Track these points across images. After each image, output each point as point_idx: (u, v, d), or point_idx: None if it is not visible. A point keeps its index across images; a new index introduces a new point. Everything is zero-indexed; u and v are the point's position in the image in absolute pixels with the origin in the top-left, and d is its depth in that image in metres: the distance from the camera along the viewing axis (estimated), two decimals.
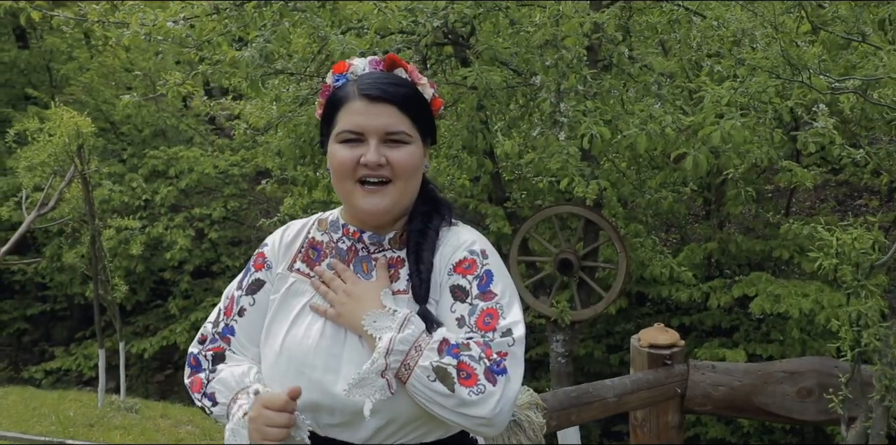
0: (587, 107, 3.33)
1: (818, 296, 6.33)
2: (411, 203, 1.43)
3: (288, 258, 1.48)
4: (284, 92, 4.74)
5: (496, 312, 1.32)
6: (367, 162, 1.32)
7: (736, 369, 2.65)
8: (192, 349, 1.51)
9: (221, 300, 1.54)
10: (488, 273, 1.36)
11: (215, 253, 8.75)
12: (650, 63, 3.65)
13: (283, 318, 1.43)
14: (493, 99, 3.72)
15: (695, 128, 3.35)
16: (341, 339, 1.37)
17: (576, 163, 3.36)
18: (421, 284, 1.35)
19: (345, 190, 1.37)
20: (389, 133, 1.33)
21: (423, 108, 1.39)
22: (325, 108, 1.42)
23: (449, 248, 1.38)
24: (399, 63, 1.40)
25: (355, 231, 1.43)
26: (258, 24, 3.87)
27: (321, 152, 4.44)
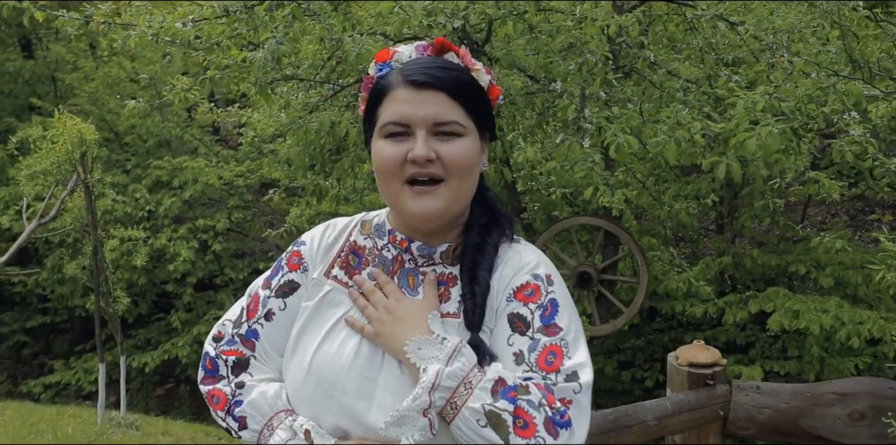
0: (612, 114, 3.19)
1: (838, 312, 6.16)
2: (467, 209, 1.26)
3: (326, 262, 1.31)
4: (293, 99, 4.61)
5: (560, 350, 1.14)
6: (414, 157, 1.15)
7: (782, 390, 2.48)
8: (208, 347, 1.33)
9: (244, 297, 1.36)
10: (553, 302, 1.19)
11: (218, 265, 8.59)
12: (676, 69, 3.52)
13: (314, 330, 1.26)
14: (512, 105, 3.59)
15: (725, 136, 3.21)
16: (378, 361, 1.20)
17: (600, 172, 3.21)
18: (475, 309, 1.18)
19: (391, 191, 1.20)
20: (439, 123, 1.16)
21: (479, 96, 1.21)
22: (368, 102, 1.24)
23: (509, 269, 1.22)
24: (450, 47, 1.23)
25: (403, 239, 1.25)
26: (269, 27, 3.75)
27: (332, 160, 4.33)
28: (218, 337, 1.33)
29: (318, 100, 4.33)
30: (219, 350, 1.31)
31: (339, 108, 3.99)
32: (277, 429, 1.24)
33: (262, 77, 3.83)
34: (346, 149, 4.18)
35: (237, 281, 8.48)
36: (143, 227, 7.38)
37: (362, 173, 4.66)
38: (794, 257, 7.17)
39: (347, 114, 4.08)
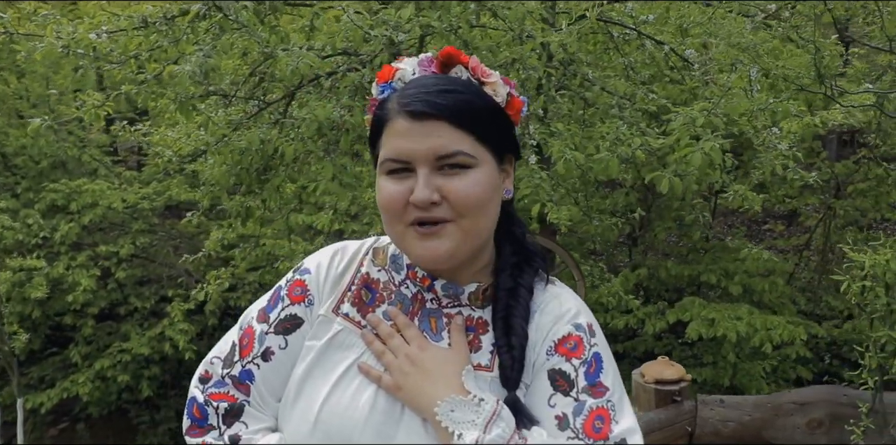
0: (557, 129, 3.18)
1: (750, 319, 6.47)
2: (490, 245, 1.13)
3: (335, 295, 1.16)
4: (214, 116, 4.37)
5: (608, 414, 1.04)
6: (414, 201, 1.02)
7: (745, 402, 2.52)
8: (194, 391, 1.16)
9: (235, 329, 1.19)
10: (597, 357, 1.08)
11: (122, 293, 8.03)
12: (613, 85, 3.57)
13: (321, 376, 1.10)
14: None
15: (664, 151, 3.27)
16: (396, 417, 1.07)
17: (547, 189, 3.19)
18: (513, 364, 1.06)
19: (395, 233, 1.08)
20: (443, 156, 1.03)
21: (491, 116, 1.08)
22: (371, 130, 1.11)
23: (548, 318, 1.10)
24: (457, 59, 1.09)
25: (425, 276, 1.12)
26: (191, 39, 3.53)
27: (260, 180, 4.11)
28: (205, 378, 1.16)
29: (242, 117, 4.11)
30: (207, 394, 1.14)
31: (267, 126, 3.80)
32: None
33: (181, 92, 3.60)
34: (274, 168, 3.98)
35: (143, 310, 7.95)
36: (36, 256, 6.79)
37: (287, 193, 4.47)
38: (704, 267, 7.49)
39: (274, 131, 3.89)
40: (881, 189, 6.57)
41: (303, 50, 2.99)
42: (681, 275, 7.59)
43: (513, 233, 1.16)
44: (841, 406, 2.44)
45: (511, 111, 1.12)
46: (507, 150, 1.12)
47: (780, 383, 7.45)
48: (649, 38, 3.86)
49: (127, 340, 7.56)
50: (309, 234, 7.21)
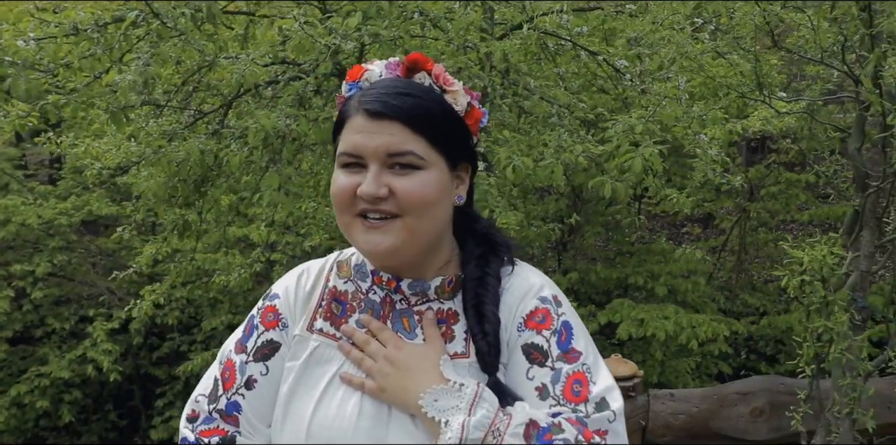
0: (502, 137, 3.26)
1: (677, 318, 6.75)
2: (444, 241, 1.16)
3: (307, 314, 1.19)
4: (146, 126, 4.23)
5: (585, 377, 1.08)
6: (361, 193, 1.06)
7: (693, 395, 2.64)
8: (185, 432, 1.19)
9: (215, 364, 1.21)
10: (566, 325, 1.12)
11: (38, 314, 7.60)
12: (554, 95, 3.68)
13: (305, 393, 1.13)
14: None
15: (605, 157, 3.40)
16: (384, 419, 1.09)
17: (495, 194, 3.26)
18: (489, 349, 1.09)
19: (342, 223, 1.12)
20: (393, 154, 1.07)
21: (447, 123, 1.11)
22: (335, 125, 1.16)
23: (514, 297, 1.13)
24: (422, 66, 1.13)
25: (390, 279, 1.15)
26: (124, 47, 3.42)
27: (199, 192, 4.00)
28: (192, 417, 1.19)
29: (176, 127, 4.00)
30: (197, 432, 1.16)
31: (205, 136, 3.71)
32: None
33: (113, 102, 3.47)
34: (212, 179, 3.89)
35: (62, 331, 7.55)
36: None
37: (223, 205, 4.37)
38: (631, 269, 7.76)
39: (213, 142, 3.81)
40: (790, 192, 6.99)
41: (249, 58, 2.94)
42: (609, 278, 7.84)
43: (474, 230, 1.21)
44: (779, 394, 2.59)
45: (470, 120, 1.15)
46: (462, 158, 1.15)
47: (703, 378, 7.77)
48: (584, 48, 4.01)
49: (45, 364, 7.16)
50: (239, 247, 7.05)
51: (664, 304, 7.15)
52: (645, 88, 3.31)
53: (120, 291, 7.90)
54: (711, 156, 3.40)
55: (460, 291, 1.15)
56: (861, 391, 2.16)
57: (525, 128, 3.98)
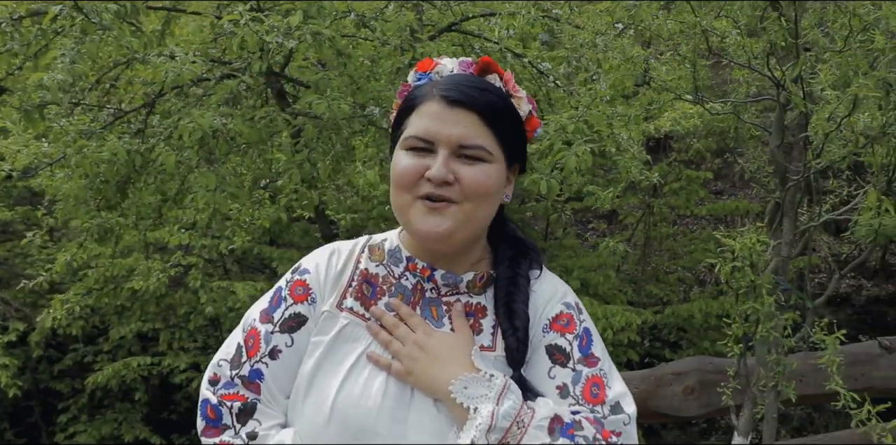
0: None
1: (592, 309, 7.07)
2: (482, 239, 1.23)
3: (337, 292, 1.22)
4: (57, 126, 4.02)
5: (602, 381, 1.15)
6: (431, 176, 1.11)
7: (633, 376, 2.82)
8: (206, 393, 1.20)
9: (238, 331, 1.23)
10: (587, 331, 1.19)
11: None
12: None
13: (331, 369, 1.16)
14: (333, 130, 3.55)
15: (536, 156, 3.54)
16: (406, 400, 1.14)
17: None
18: (518, 346, 1.14)
19: (401, 203, 1.15)
20: (464, 146, 1.12)
21: (513, 125, 1.18)
22: (399, 110, 1.20)
23: (541, 300, 1.20)
24: (494, 68, 1.20)
25: (425, 267, 1.20)
26: (40, 43, 3.25)
27: (122, 193, 3.84)
28: (214, 380, 1.19)
29: (93, 126, 3.82)
30: (219, 395, 1.17)
31: (129, 135, 3.58)
32: None
33: (27, 101, 3.30)
34: (136, 181, 3.75)
35: None
36: None
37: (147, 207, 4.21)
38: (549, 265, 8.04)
39: (136, 141, 3.67)
40: (690, 188, 7.46)
41: (188, 56, 2.87)
42: None
43: (507, 232, 1.27)
44: (708, 373, 2.81)
45: (528, 127, 1.22)
46: (517, 159, 1.22)
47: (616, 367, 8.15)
48: (510, 51, 4.15)
49: None
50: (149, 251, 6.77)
51: (579, 296, 7.44)
52: (573, 90, 3.48)
53: (16, 302, 7.42)
54: (634, 154, 3.61)
55: (490, 288, 1.21)
56: (785, 365, 2.39)
57: None
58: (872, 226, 1.95)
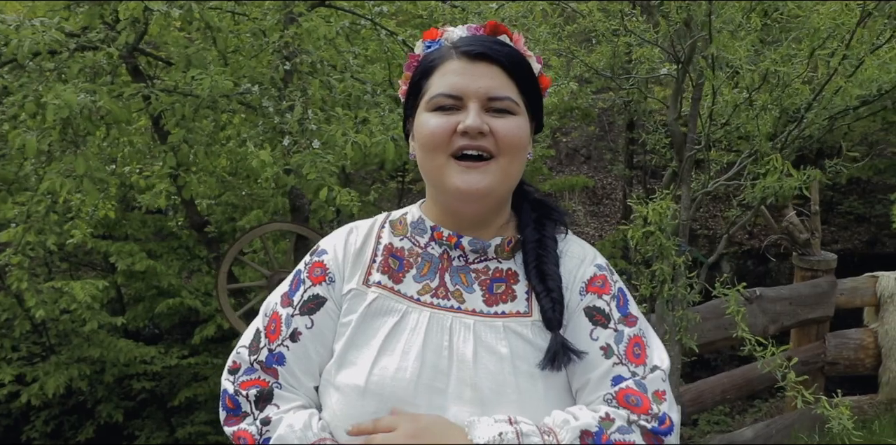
0: (337, 114, 3.23)
1: None
2: (509, 199, 1.21)
3: (360, 269, 1.18)
4: None
5: (642, 340, 1.14)
6: (466, 127, 1.07)
7: None
8: (226, 383, 1.17)
9: (259, 317, 1.20)
10: (622, 292, 1.18)
11: None
12: (371, 73, 3.71)
13: (364, 344, 1.12)
14: (210, 109, 3.30)
15: None
16: (445, 370, 1.10)
17: (330, 173, 3.23)
18: (554, 306, 1.12)
19: (435, 165, 1.10)
20: (493, 98, 1.09)
21: (532, 79, 1.16)
22: (414, 78, 1.16)
23: (572, 262, 1.18)
24: (503, 29, 1.19)
25: (451, 234, 1.16)
26: None
27: None
28: (234, 369, 1.17)
29: None
30: (238, 383, 1.15)
31: None
32: None
33: None
34: None
35: None
36: None
37: None
38: None
39: None
40: (535, 165, 7.85)
41: (52, 25, 2.51)
42: None
43: (528, 194, 1.26)
44: None
45: (543, 85, 1.20)
46: (536, 115, 1.19)
47: None
48: (383, 28, 4.09)
49: None
50: None
51: None
52: None
53: None
54: None
55: (518, 253, 1.18)
56: (690, 320, 2.62)
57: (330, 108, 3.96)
58: (772, 188, 2.19)
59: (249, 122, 3.87)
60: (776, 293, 3.77)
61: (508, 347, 1.11)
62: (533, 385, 1.10)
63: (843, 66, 2.13)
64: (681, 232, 2.58)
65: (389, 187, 9.79)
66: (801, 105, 2.34)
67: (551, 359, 1.10)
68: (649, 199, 2.43)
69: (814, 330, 4.17)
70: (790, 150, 2.53)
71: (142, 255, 6.61)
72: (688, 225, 2.59)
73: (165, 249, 7.35)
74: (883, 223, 9.99)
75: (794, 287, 4.00)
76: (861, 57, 2.13)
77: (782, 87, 2.29)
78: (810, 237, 3.93)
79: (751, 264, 9.68)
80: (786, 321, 3.80)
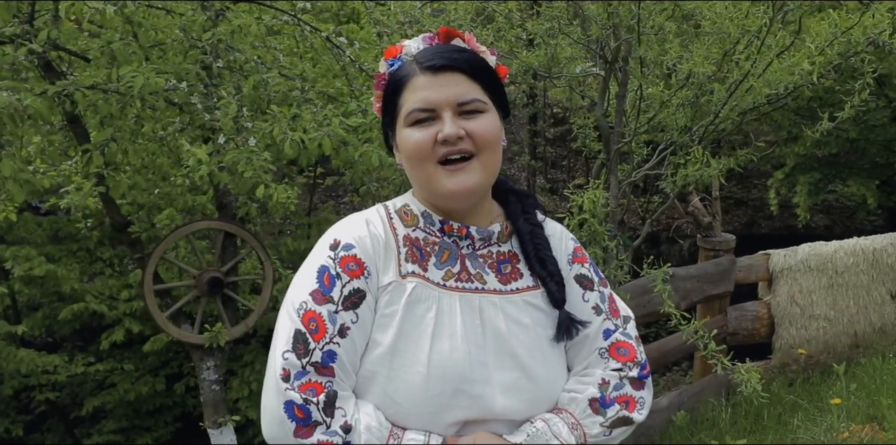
0: (272, 111, 3.23)
1: None
2: (491, 185, 1.33)
3: (393, 261, 1.26)
4: None
5: (613, 297, 1.39)
6: (445, 136, 1.19)
7: None
8: (287, 394, 1.15)
9: (286, 320, 1.21)
10: (590, 259, 1.41)
11: None
12: (303, 69, 3.72)
13: (413, 331, 1.22)
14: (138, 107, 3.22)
15: (362, 129, 3.61)
16: (482, 344, 1.23)
17: (266, 169, 3.24)
18: (558, 288, 1.30)
19: (425, 175, 1.23)
20: (462, 103, 1.21)
21: (491, 75, 1.28)
22: (386, 96, 1.28)
23: (557, 240, 1.37)
24: (455, 33, 1.30)
25: (461, 227, 1.29)
26: None
27: None
28: (286, 376, 1.16)
29: None
30: (296, 389, 1.16)
31: None
32: None
33: None
34: None
35: None
36: None
37: None
38: (313, 241, 8.08)
39: None
40: None
41: None
42: (299, 249, 8.04)
43: (502, 184, 1.39)
44: None
45: (501, 74, 1.32)
46: (502, 106, 1.31)
47: None
48: (307, 24, 4.11)
49: None
50: None
51: None
52: (368, 68, 3.62)
53: None
54: None
55: (513, 237, 1.35)
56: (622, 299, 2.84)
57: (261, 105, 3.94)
58: (693, 176, 2.44)
59: (167, 119, 3.79)
60: (686, 272, 4.12)
61: (530, 318, 1.28)
62: (551, 346, 1.30)
63: (754, 67, 2.41)
64: (610, 219, 2.81)
65: (297, 182, 9.70)
66: (717, 102, 2.61)
67: (565, 331, 1.29)
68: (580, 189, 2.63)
69: (717, 304, 4.58)
70: (706, 142, 2.81)
71: (40, 259, 6.28)
72: (617, 211, 2.82)
73: (64, 252, 7.00)
74: (758, 206, 10.90)
75: (700, 266, 4.38)
76: (770, 60, 2.41)
77: (698, 86, 2.55)
78: (712, 220, 4.32)
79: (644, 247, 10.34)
80: (694, 297, 4.16)
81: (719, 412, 4.24)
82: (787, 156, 7.34)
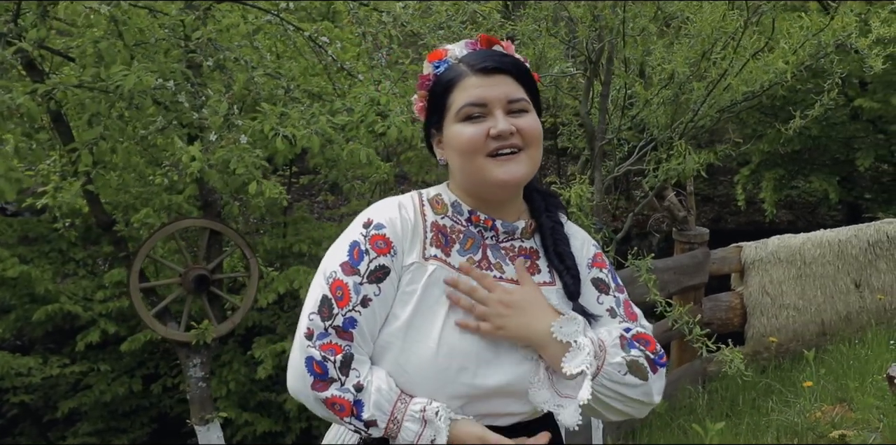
0: (262, 109, 3.27)
1: None
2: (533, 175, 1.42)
3: (418, 243, 1.36)
4: None
5: (630, 303, 1.46)
6: (499, 132, 1.29)
7: None
8: (310, 351, 1.28)
9: (318, 286, 1.32)
10: (610, 266, 1.48)
11: None
12: (287, 68, 3.76)
13: (428, 309, 1.33)
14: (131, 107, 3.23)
15: (349, 127, 3.66)
16: None
17: (257, 166, 3.29)
18: (573, 281, 1.38)
19: (475, 167, 1.32)
20: (512, 101, 1.32)
21: (532, 79, 1.40)
22: (433, 96, 1.37)
23: (578, 242, 1.44)
24: (495, 41, 1.42)
25: (487, 218, 1.39)
26: None
27: None
28: (309, 335, 1.29)
29: None
30: (318, 347, 1.28)
31: None
32: (404, 422, 1.30)
33: None
34: None
35: None
36: None
37: None
38: (295, 238, 8.06)
39: None
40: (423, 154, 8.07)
41: None
42: (276, 248, 8.02)
43: (532, 182, 1.47)
44: None
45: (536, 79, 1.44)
46: (538, 108, 1.41)
47: None
48: (289, 23, 4.14)
49: None
50: None
51: None
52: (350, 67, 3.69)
53: None
54: None
55: (536, 234, 1.43)
56: None
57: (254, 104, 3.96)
58: (674, 170, 2.56)
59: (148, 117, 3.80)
60: (664, 264, 4.26)
61: None
62: None
63: (731, 67, 2.54)
64: (595, 212, 2.92)
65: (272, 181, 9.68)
66: (696, 100, 2.75)
67: None
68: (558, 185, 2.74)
69: (692, 295, 4.74)
70: (686, 138, 2.94)
71: (13, 260, 6.21)
72: (602, 205, 2.93)
73: (36, 253, 6.92)
74: (724, 202, 11.19)
75: (676, 258, 4.54)
76: (746, 59, 2.55)
77: (678, 85, 2.68)
78: (687, 214, 4.48)
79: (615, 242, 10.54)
80: (671, 288, 4.31)
81: (696, 398, 4.40)
82: (753, 153, 7.58)
